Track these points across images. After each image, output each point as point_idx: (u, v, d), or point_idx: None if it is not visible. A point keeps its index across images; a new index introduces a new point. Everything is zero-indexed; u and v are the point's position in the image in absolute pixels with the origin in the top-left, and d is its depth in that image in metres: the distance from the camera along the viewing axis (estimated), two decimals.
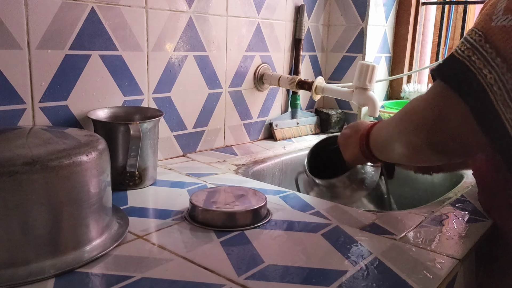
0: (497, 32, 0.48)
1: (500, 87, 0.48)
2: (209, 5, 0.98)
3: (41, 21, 0.73)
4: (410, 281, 0.49)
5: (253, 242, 0.57)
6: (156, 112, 0.83)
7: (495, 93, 0.48)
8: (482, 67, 0.49)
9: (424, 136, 0.55)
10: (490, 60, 0.48)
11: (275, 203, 0.72)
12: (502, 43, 0.48)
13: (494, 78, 0.48)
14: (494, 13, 0.50)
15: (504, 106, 0.48)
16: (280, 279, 0.49)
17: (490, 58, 0.48)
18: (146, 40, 0.88)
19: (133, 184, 0.76)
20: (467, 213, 0.71)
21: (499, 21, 0.49)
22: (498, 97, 0.48)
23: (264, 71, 1.15)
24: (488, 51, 0.49)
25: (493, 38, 0.49)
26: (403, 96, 1.42)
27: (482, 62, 0.49)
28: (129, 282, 0.47)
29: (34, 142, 0.53)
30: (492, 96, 0.48)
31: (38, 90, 0.74)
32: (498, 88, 0.48)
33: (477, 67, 0.49)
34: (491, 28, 0.49)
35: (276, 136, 1.19)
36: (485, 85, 0.48)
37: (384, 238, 0.60)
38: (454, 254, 0.56)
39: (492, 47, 0.49)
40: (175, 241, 0.57)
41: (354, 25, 1.32)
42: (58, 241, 0.50)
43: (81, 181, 0.51)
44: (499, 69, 0.48)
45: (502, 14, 0.49)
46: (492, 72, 0.48)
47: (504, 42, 0.48)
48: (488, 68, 0.48)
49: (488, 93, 0.48)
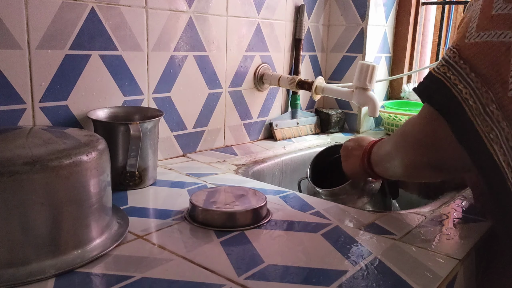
0: (470, 48, 0.50)
1: (475, 101, 0.49)
2: (209, 5, 0.98)
3: (41, 21, 0.73)
4: (410, 281, 0.49)
5: (253, 242, 0.57)
6: (156, 112, 0.83)
7: (470, 107, 0.49)
8: (458, 82, 0.50)
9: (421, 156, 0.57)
10: (465, 76, 0.50)
11: (275, 203, 0.72)
12: (475, 58, 0.50)
13: (469, 92, 0.50)
14: (467, 30, 0.52)
15: (480, 119, 0.49)
16: (280, 279, 0.49)
17: (465, 74, 0.50)
18: (146, 40, 0.88)
19: (133, 184, 0.76)
20: (467, 213, 0.71)
21: (472, 38, 0.51)
22: (474, 111, 0.49)
23: (264, 71, 1.15)
24: (462, 67, 0.50)
25: (466, 54, 0.50)
26: (403, 96, 1.42)
27: (457, 77, 0.51)
28: (129, 282, 0.47)
29: (34, 142, 0.53)
30: (468, 110, 0.49)
31: (38, 90, 0.74)
32: (473, 102, 0.49)
33: (452, 82, 0.51)
34: (465, 45, 0.51)
35: (276, 136, 1.19)
36: (460, 99, 0.50)
37: (384, 238, 0.60)
38: (454, 254, 0.56)
39: (466, 63, 0.50)
40: (175, 241, 0.57)
41: (354, 25, 1.32)
42: (58, 241, 0.50)
43: (81, 181, 0.51)
44: (474, 84, 0.49)
45: (475, 31, 0.51)
46: (467, 87, 0.50)
47: (477, 57, 0.49)
48: (463, 83, 0.50)
49: (464, 107, 0.50)
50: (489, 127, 0.49)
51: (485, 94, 0.49)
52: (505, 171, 0.48)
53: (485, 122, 0.49)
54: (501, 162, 0.48)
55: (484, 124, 0.49)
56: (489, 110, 0.49)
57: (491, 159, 0.49)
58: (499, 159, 0.48)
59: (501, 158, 0.48)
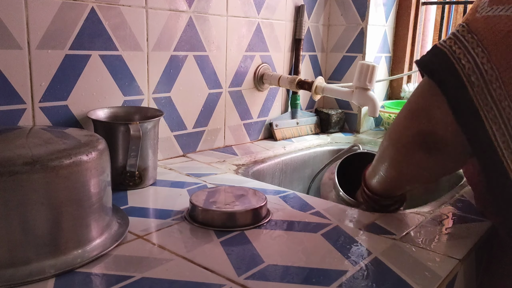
0: (481, 22, 0.48)
1: (478, 78, 0.47)
2: (209, 5, 0.98)
3: (41, 21, 0.73)
4: (410, 281, 0.49)
5: (253, 242, 0.57)
6: (156, 112, 0.83)
7: (472, 84, 0.47)
8: (462, 56, 0.48)
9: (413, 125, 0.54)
10: (471, 50, 0.48)
11: (275, 203, 0.72)
12: (484, 32, 0.48)
13: (472, 68, 0.48)
14: (479, 5, 0.50)
15: (481, 98, 0.47)
16: (280, 279, 0.49)
17: (471, 48, 0.48)
18: (146, 40, 0.88)
19: (133, 184, 0.76)
20: (467, 213, 0.71)
21: (483, 11, 0.49)
22: (476, 88, 0.47)
23: (264, 71, 1.15)
24: (469, 41, 0.49)
25: (476, 27, 0.49)
26: (403, 96, 1.42)
27: (462, 51, 0.49)
28: (129, 282, 0.47)
29: (34, 142, 0.53)
30: (469, 86, 0.48)
31: (38, 90, 0.74)
32: (476, 78, 0.47)
33: (457, 56, 0.49)
34: (475, 19, 0.49)
35: (276, 136, 1.19)
36: (462, 75, 0.48)
37: (384, 238, 0.60)
38: (454, 254, 0.56)
39: (474, 37, 0.48)
40: (175, 241, 0.57)
41: (354, 25, 1.32)
42: (58, 241, 0.50)
43: (81, 181, 0.51)
44: (479, 59, 0.47)
45: (488, 5, 0.49)
46: (470, 62, 0.48)
47: (487, 31, 0.47)
48: (468, 57, 0.48)
49: (466, 83, 0.48)
50: (489, 106, 0.47)
51: (490, 70, 0.47)
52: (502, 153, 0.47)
53: (486, 101, 0.47)
54: (498, 143, 0.47)
55: (484, 102, 0.47)
56: (492, 88, 0.47)
57: (488, 139, 0.48)
58: (497, 139, 0.47)
59: (499, 138, 0.47)
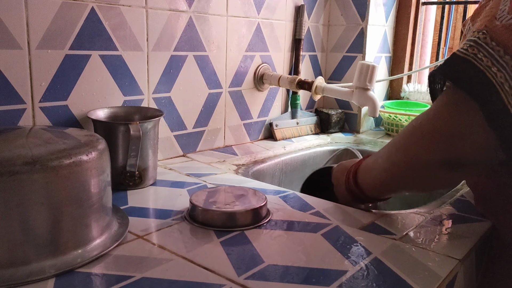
0: (503, 31, 0.47)
1: (510, 86, 0.46)
2: (209, 5, 0.98)
3: (41, 21, 0.73)
4: (410, 281, 0.49)
5: (253, 242, 0.57)
6: (156, 112, 0.83)
7: (506, 92, 0.46)
8: (491, 65, 0.47)
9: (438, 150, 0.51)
10: (498, 58, 0.47)
11: (275, 203, 0.72)
12: (510, 40, 0.46)
13: (504, 76, 0.46)
14: (497, 13, 0.48)
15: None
16: (280, 279, 0.49)
17: (498, 56, 0.47)
18: (146, 40, 0.88)
19: (133, 184, 0.76)
20: (467, 213, 0.71)
21: (504, 19, 0.47)
22: (510, 96, 0.46)
23: (264, 71, 1.15)
24: (495, 49, 0.47)
25: (499, 36, 0.47)
26: (403, 96, 1.42)
27: (490, 60, 0.47)
28: (129, 282, 0.47)
29: (34, 142, 0.53)
30: (503, 95, 0.46)
31: (38, 90, 0.74)
32: (509, 87, 0.46)
33: (485, 65, 0.47)
34: (496, 27, 0.48)
35: (276, 136, 1.19)
36: (495, 83, 0.46)
37: (384, 238, 0.60)
38: (454, 254, 0.56)
39: (499, 45, 0.47)
40: (175, 241, 0.57)
41: (354, 25, 1.32)
42: (58, 241, 0.50)
43: (81, 181, 0.51)
44: (509, 68, 0.46)
45: (508, 13, 0.48)
46: (501, 71, 0.46)
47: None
48: (497, 66, 0.46)
49: (499, 91, 0.46)
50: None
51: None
52: None
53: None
54: None
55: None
56: None
57: None
58: None
59: None
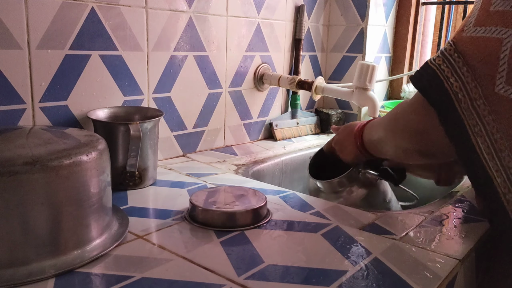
0: (466, 42, 0.51)
1: (464, 95, 0.51)
2: (209, 5, 0.98)
3: (41, 21, 0.73)
4: (410, 281, 0.49)
5: (253, 242, 0.57)
6: (156, 112, 0.83)
7: (459, 101, 0.51)
8: (450, 75, 0.52)
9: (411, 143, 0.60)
10: (458, 69, 0.51)
11: (275, 203, 0.72)
12: (469, 52, 0.51)
13: (459, 86, 0.51)
14: (465, 25, 0.53)
15: (467, 113, 0.50)
16: (280, 279, 0.49)
17: (458, 67, 0.51)
18: (146, 40, 0.88)
19: (133, 184, 0.76)
20: (467, 213, 0.71)
21: (469, 32, 0.52)
22: (463, 104, 0.51)
23: (264, 71, 1.15)
24: (456, 60, 0.52)
25: (462, 47, 0.52)
26: (403, 96, 1.42)
27: (450, 70, 0.52)
28: (129, 282, 0.47)
29: (34, 142, 0.53)
30: (457, 103, 0.51)
31: (38, 90, 0.74)
32: (462, 95, 0.51)
33: (445, 75, 0.52)
34: (461, 38, 0.52)
35: (276, 136, 1.19)
36: (451, 93, 0.51)
37: (384, 238, 0.60)
38: (454, 254, 0.56)
39: (460, 56, 0.51)
40: (175, 241, 0.57)
41: (354, 25, 1.32)
42: (58, 241, 0.50)
43: (81, 181, 0.51)
44: (465, 78, 0.51)
45: (473, 25, 0.52)
46: (458, 81, 0.51)
47: (471, 51, 0.50)
48: (455, 76, 0.51)
49: (453, 101, 0.51)
50: (474, 121, 0.50)
51: (474, 89, 0.50)
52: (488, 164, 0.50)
53: (471, 116, 0.50)
54: (484, 155, 0.50)
55: (470, 117, 0.50)
56: (476, 104, 0.50)
57: (474, 151, 0.51)
58: (482, 152, 0.50)
59: (484, 151, 0.50)
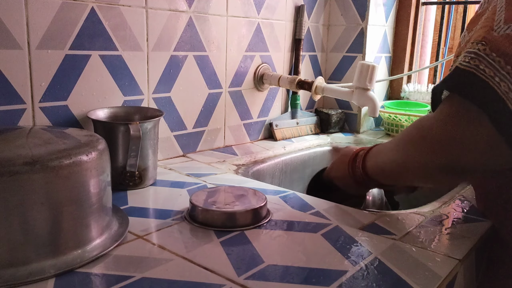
0: (502, 41, 0.48)
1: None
2: (209, 5, 0.98)
3: (41, 21, 0.73)
4: (410, 281, 0.49)
5: (253, 242, 0.57)
6: (156, 112, 0.83)
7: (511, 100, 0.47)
8: (493, 75, 0.48)
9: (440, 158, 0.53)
10: (500, 69, 0.47)
11: (275, 203, 0.72)
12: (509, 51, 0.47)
13: (508, 86, 0.47)
14: (494, 24, 0.49)
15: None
16: (280, 279, 0.49)
17: (499, 67, 0.47)
18: (146, 40, 0.88)
19: (133, 184, 0.76)
20: (467, 213, 0.71)
21: (501, 30, 0.48)
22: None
23: (264, 71, 1.15)
24: (495, 60, 0.48)
25: (498, 47, 0.48)
26: (403, 96, 1.42)
27: (492, 70, 0.48)
28: (129, 282, 0.47)
29: (34, 142, 0.53)
30: (509, 103, 0.47)
31: (38, 90, 0.74)
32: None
33: (488, 75, 0.48)
34: (494, 38, 0.48)
35: (276, 136, 1.19)
36: (500, 93, 0.47)
37: (384, 238, 0.60)
38: (454, 254, 0.56)
39: (500, 56, 0.47)
40: (175, 241, 0.57)
41: (354, 25, 1.32)
42: (58, 241, 0.50)
43: (81, 181, 0.51)
44: (511, 77, 0.47)
45: (504, 23, 0.48)
46: (504, 80, 0.47)
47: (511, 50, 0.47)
48: (499, 76, 0.47)
49: (505, 100, 0.47)
50: None
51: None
52: None
53: None
54: None
55: None
56: None
57: None
58: None
59: None
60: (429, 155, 0.54)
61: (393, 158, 0.63)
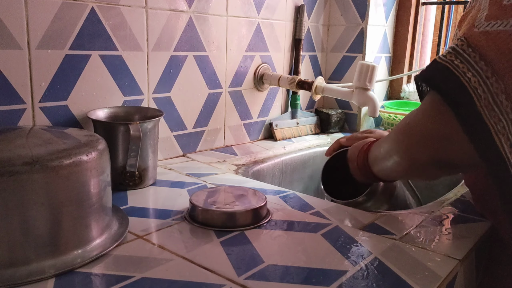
0: (480, 37, 0.48)
1: (484, 91, 0.47)
2: (209, 5, 0.98)
3: (41, 21, 0.73)
4: (410, 281, 0.49)
5: (253, 242, 0.57)
6: (156, 112, 0.83)
7: (479, 97, 0.47)
8: (466, 70, 0.48)
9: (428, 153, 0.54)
10: (473, 64, 0.48)
11: (275, 203, 0.72)
12: (485, 47, 0.48)
13: (478, 81, 0.48)
14: (476, 21, 0.50)
15: (488, 110, 0.47)
16: (280, 279, 0.49)
17: (473, 62, 0.48)
18: (146, 40, 0.88)
19: (133, 184, 0.76)
20: (467, 213, 0.71)
21: (482, 27, 0.49)
22: (482, 101, 0.47)
23: (264, 71, 1.15)
24: (470, 55, 0.48)
25: (475, 42, 0.49)
26: (403, 96, 1.42)
27: (466, 65, 0.48)
28: (129, 282, 0.47)
29: (34, 142, 0.53)
30: (476, 100, 0.47)
31: (38, 90, 0.74)
32: (482, 91, 0.47)
33: (461, 70, 0.49)
34: (473, 34, 0.49)
35: (276, 136, 1.19)
36: (469, 88, 0.48)
37: (384, 238, 0.60)
38: (454, 254, 0.56)
39: (475, 51, 0.48)
40: (175, 241, 0.57)
41: (354, 25, 1.32)
42: (58, 241, 0.50)
43: (81, 181, 0.51)
44: (483, 73, 0.47)
45: (485, 20, 0.49)
46: (476, 76, 0.48)
47: (487, 46, 0.48)
48: (472, 71, 0.48)
49: (473, 97, 0.48)
50: (497, 118, 0.47)
51: (495, 83, 0.47)
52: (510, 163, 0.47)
53: (493, 113, 0.47)
54: (507, 154, 0.47)
55: (492, 114, 0.47)
56: (498, 100, 0.47)
57: (497, 151, 0.47)
58: (505, 150, 0.47)
59: (507, 150, 0.47)
60: (418, 151, 0.56)
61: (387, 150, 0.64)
